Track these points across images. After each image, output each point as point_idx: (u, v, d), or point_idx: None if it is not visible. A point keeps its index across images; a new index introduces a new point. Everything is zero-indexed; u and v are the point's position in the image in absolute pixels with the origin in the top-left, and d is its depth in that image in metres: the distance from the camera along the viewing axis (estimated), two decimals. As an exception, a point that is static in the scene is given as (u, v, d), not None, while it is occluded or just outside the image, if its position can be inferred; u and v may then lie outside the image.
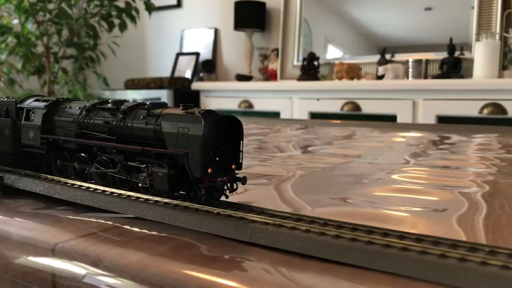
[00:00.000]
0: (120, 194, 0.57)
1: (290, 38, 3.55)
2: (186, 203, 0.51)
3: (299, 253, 0.40)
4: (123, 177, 0.57)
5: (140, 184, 0.55)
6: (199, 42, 4.17)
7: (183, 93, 3.70)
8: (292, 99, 3.27)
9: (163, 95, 3.63)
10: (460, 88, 2.70)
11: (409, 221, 0.57)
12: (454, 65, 2.88)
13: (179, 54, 4.20)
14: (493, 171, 0.89)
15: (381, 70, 3.04)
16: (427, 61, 2.99)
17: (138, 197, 0.54)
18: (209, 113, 0.51)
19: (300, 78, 3.29)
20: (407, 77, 2.98)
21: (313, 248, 0.40)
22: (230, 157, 0.53)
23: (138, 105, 0.59)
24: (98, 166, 0.60)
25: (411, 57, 3.02)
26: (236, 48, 3.96)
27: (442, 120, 2.74)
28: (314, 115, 3.17)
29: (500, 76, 2.72)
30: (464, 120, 2.65)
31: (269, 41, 3.81)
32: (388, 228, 0.42)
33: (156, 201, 0.53)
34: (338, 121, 2.65)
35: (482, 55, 2.74)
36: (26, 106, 0.68)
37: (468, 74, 2.83)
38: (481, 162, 1.01)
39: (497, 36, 2.80)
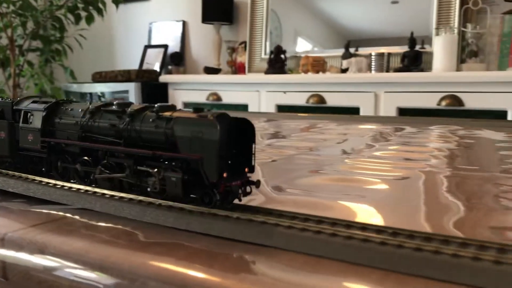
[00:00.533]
0: (79, 189, 0.59)
1: (257, 31, 3.60)
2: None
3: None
4: (132, 182, 0.56)
5: (149, 189, 0.54)
6: (168, 35, 4.17)
7: (151, 86, 3.71)
8: (259, 92, 3.32)
9: (131, 88, 3.63)
10: (420, 81, 2.80)
11: (338, 207, 0.63)
12: (415, 59, 2.97)
13: (147, 46, 4.20)
14: (433, 162, 0.96)
15: (345, 63, 3.12)
16: (389, 54, 3.08)
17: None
18: (223, 116, 0.50)
19: (268, 71, 3.34)
20: (370, 70, 3.07)
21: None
22: (242, 160, 0.52)
23: (145, 108, 0.57)
24: (103, 170, 0.58)
25: (373, 51, 3.10)
26: (204, 41, 3.98)
27: (403, 112, 2.83)
28: (281, 108, 3.23)
29: (459, 69, 2.83)
30: (423, 111, 2.75)
31: (237, 34, 3.85)
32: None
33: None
34: (305, 114, 2.72)
35: (441, 49, 2.84)
36: (24, 108, 0.66)
37: (428, 67, 2.92)
38: (427, 152, 1.08)
39: (456, 31, 2.90)
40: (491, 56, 2.95)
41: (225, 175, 0.49)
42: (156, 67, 4.00)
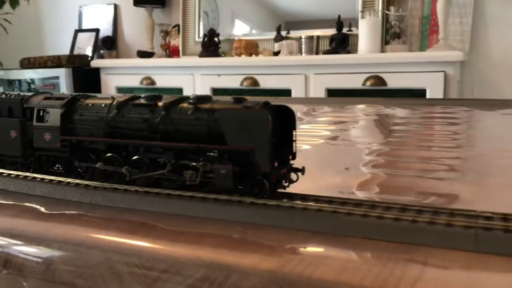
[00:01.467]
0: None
1: (190, 14, 3.59)
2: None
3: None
4: (174, 177, 0.55)
5: (187, 182, 0.53)
6: (99, 19, 4.08)
7: (83, 71, 3.63)
8: (194, 75, 3.34)
9: (62, 73, 3.54)
10: (347, 62, 2.92)
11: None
12: (342, 41, 3.09)
13: (78, 31, 4.09)
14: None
15: (276, 46, 3.20)
16: (318, 37, 3.19)
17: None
18: (269, 105, 0.51)
19: (202, 55, 3.36)
20: (301, 53, 3.16)
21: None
22: (284, 147, 0.52)
23: (179, 100, 0.56)
24: (135, 165, 0.57)
25: (303, 34, 3.20)
26: (137, 25, 3.93)
27: (331, 92, 2.95)
28: (215, 91, 3.27)
29: (383, 50, 2.97)
30: (350, 92, 2.88)
31: (170, 17, 3.83)
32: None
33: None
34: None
35: (365, 31, 2.96)
36: (37, 106, 0.62)
37: (355, 49, 3.05)
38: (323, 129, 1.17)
39: (380, 13, 3.03)
40: (412, 37, 3.11)
41: (276, 164, 0.50)
42: (88, 52, 3.92)
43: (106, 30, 4.02)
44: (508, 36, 2.91)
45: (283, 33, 3.29)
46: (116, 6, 4.03)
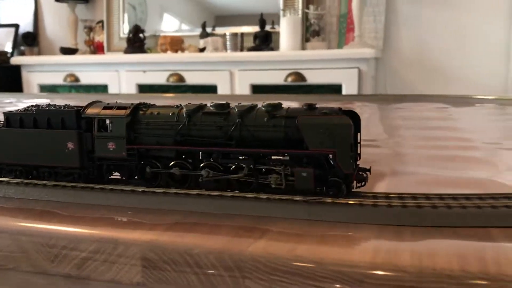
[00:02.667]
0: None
1: (114, 9, 3.56)
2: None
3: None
4: (251, 180, 0.57)
5: (273, 186, 0.56)
6: (18, 13, 3.94)
7: (2, 68, 3.50)
8: (119, 71, 3.32)
9: (-22, 71, 3.39)
10: (269, 59, 3.03)
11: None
12: (265, 38, 3.20)
13: (-4, 26, 3.93)
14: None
15: (202, 43, 3.25)
16: (242, 34, 3.28)
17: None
18: (346, 111, 0.55)
19: (127, 51, 3.35)
20: (226, 50, 3.24)
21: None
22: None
23: (251, 107, 0.58)
24: (209, 171, 0.58)
25: (228, 31, 3.27)
26: (59, 20, 3.84)
27: (255, 88, 3.05)
28: (141, 87, 3.28)
29: (304, 47, 3.11)
30: (273, 88, 3.00)
31: (94, 13, 3.77)
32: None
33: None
34: (171, 94, 2.82)
35: (286, 29, 3.09)
36: (97, 116, 0.62)
37: (277, 46, 3.17)
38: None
39: (300, 12, 3.17)
40: (331, 35, 3.27)
41: (354, 166, 0.53)
42: (7, 48, 3.77)
43: (26, 25, 3.89)
44: (418, 34, 3.14)
45: (209, 29, 3.35)
46: (36, 1, 3.91)
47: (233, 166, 0.58)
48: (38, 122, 0.65)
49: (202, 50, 3.25)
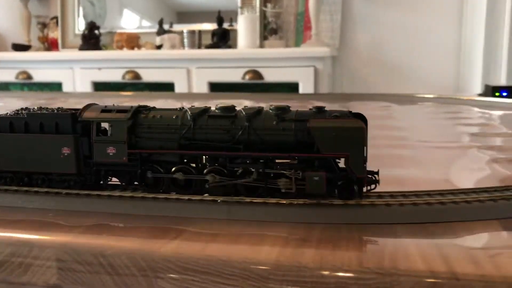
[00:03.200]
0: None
1: (69, 5, 3.48)
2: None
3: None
4: (259, 185, 0.56)
5: (283, 190, 0.55)
6: (-33, 8, 3.80)
7: (-52, 65, 3.37)
8: (73, 69, 3.25)
9: None
10: (227, 57, 3.04)
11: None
12: (223, 36, 3.20)
13: None
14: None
15: (158, 40, 3.22)
16: (200, 31, 3.27)
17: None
18: (357, 115, 0.55)
19: (82, 48, 3.28)
20: (183, 47, 3.22)
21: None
22: None
23: (259, 111, 0.57)
24: (215, 176, 0.56)
25: (186, 28, 3.26)
26: (11, 16, 3.72)
27: (213, 86, 3.05)
28: (96, 85, 3.22)
29: (262, 45, 3.12)
30: (231, 85, 3.00)
31: (48, 9, 3.68)
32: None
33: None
34: (129, 93, 2.78)
35: (244, 27, 3.09)
36: (96, 120, 0.59)
37: (235, 44, 3.17)
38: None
39: (257, 10, 3.18)
40: (289, 33, 3.30)
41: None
42: (-44, 44, 3.64)
43: (-24, 20, 3.76)
44: (373, 33, 3.20)
45: (166, 26, 3.32)
46: (-14, -5, 3.78)
47: (241, 171, 0.57)
48: (30, 127, 0.61)
49: (159, 47, 3.22)
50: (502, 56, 2.64)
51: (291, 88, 2.95)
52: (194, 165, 0.59)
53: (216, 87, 3.04)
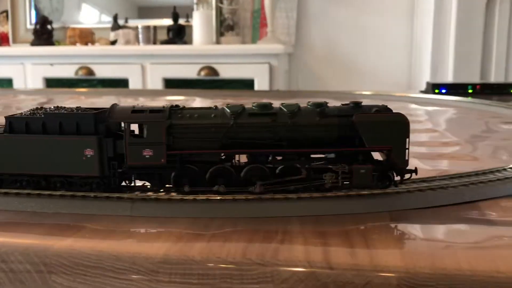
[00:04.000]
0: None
1: (20, -1, 3.40)
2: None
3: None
4: (308, 182, 0.57)
5: (329, 185, 0.56)
6: None
7: None
8: (24, 64, 3.18)
9: None
10: (183, 53, 3.03)
11: None
12: (179, 32, 3.18)
13: None
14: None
15: (112, 35, 3.18)
16: (155, 27, 3.24)
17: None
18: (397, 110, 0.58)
19: (33, 43, 3.21)
20: (138, 42, 3.19)
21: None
22: None
23: (299, 108, 0.58)
24: (261, 183, 0.56)
25: (140, 24, 3.23)
26: (-42, 9, 3.60)
27: (168, 82, 3.03)
28: (49, 81, 3.16)
29: (218, 41, 3.13)
30: (186, 82, 3.00)
31: (-2, 2, 3.57)
32: None
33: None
34: (84, 90, 2.73)
35: (199, 23, 3.09)
36: (129, 121, 0.57)
37: (191, 40, 3.16)
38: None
39: (213, 6, 3.18)
40: (245, 30, 3.31)
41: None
42: None
43: None
44: (328, 31, 3.25)
45: (121, 21, 3.28)
46: None
47: (284, 168, 0.57)
48: (48, 127, 0.58)
49: (113, 43, 3.18)
50: (449, 54, 2.73)
51: (247, 84, 2.96)
52: (232, 163, 0.59)
53: (171, 83, 3.03)
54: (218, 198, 0.55)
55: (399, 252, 0.45)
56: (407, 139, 0.56)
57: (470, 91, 1.74)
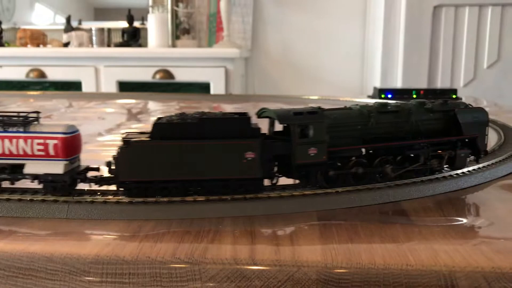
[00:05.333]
0: None
1: (-32, -2, 3.29)
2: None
3: None
4: (430, 167, 0.68)
5: (435, 168, 0.68)
6: None
7: None
8: (-29, 66, 3.07)
9: None
10: (137, 56, 3.00)
11: None
12: (134, 34, 3.16)
13: None
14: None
15: (65, 37, 3.13)
16: (110, 29, 3.21)
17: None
18: None
19: (-19, 44, 3.11)
20: (92, 45, 3.15)
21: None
22: None
23: (422, 103, 0.70)
24: (393, 168, 0.65)
25: (94, 26, 3.18)
26: None
27: (123, 85, 3.00)
28: (-4, 83, 3.07)
29: (174, 45, 3.12)
30: (141, 85, 2.98)
31: None
32: None
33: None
34: (36, 93, 2.66)
35: (155, 26, 3.07)
36: (299, 123, 0.61)
37: (146, 43, 3.15)
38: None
39: (169, 9, 3.17)
40: (201, 33, 3.32)
41: None
42: None
43: None
44: (284, 36, 3.30)
45: (75, 23, 3.23)
46: None
47: (412, 156, 0.67)
48: (202, 132, 0.59)
49: (66, 45, 3.13)
50: (398, 61, 2.84)
51: (203, 88, 2.97)
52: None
53: (126, 86, 3.00)
54: (153, 200, 0.57)
55: (320, 248, 0.48)
56: (487, 128, 0.71)
57: (414, 96, 1.82)
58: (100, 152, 0.96)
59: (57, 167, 0.57)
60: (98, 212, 0.56)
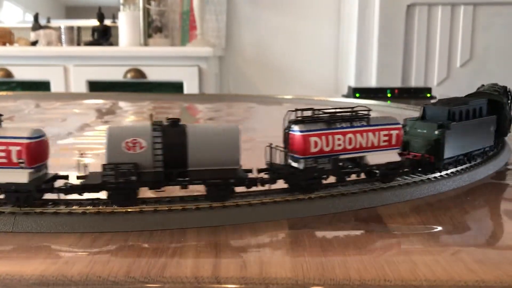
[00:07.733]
0: None
1: None
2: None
3: None
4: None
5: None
6: None
7: None
8: None
9: None
10: (108, 55, 2.92)
11: None
12: (104, 33, 3.08)
13: None
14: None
15: (33, 36, 3.02)
16: (79, 27, 3.12)
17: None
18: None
19: None
20: (61, 43, 3.05)
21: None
22: None
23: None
24: None
25: (63, 24, 3.09)
26: None
27: (93, 85, 2.92)
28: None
29: (146, 43, 3.05)
30: (111, 84, 2.90)
31: None
32: None
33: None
34: (8, 93, 2.56)
35: (126, 24, 3.00)
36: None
37: (117, 41, 3.07)
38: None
39: (141, 7, 3.10)
40: (174, 32, 3.25)
41: None
42: None
43: None
44: (258, 35, 3.26)
45: (43, 21, 3.13)
46: None
47: None
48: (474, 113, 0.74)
49: (34, 43, 3.02)
50: (372, 60, 2.83)
51: (176, 87, 2.91)
52: None
53: (96, 86, 2.91)
54: (109, 210, 0.52)
55: (290, 262, 0.44)
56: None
57: (389, 95, 1.80)
58: (59, 157, 0.90)
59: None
60: (47, 225, 0.50)
